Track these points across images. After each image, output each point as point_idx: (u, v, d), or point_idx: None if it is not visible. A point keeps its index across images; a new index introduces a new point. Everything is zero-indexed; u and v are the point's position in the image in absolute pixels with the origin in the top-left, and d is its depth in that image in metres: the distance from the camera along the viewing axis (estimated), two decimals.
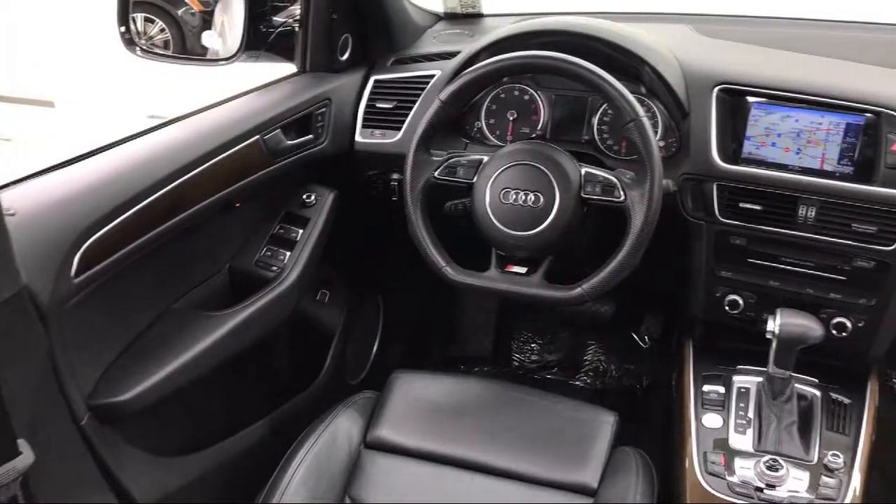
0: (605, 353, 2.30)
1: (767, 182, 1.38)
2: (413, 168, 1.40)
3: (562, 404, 1.44)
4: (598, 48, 1.47)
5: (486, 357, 2.35)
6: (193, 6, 4.71)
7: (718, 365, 1.50)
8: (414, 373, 1.49)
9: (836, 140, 1.36)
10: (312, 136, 1.57)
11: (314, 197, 1.59)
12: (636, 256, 1.29)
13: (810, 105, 1.38)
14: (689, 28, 1.70)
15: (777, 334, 1.31)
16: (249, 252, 1.54)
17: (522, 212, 1.35)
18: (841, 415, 1.40)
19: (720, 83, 1.42)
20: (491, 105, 1.61)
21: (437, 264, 1.39)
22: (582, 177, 1.35)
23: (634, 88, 1.48)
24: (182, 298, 1.42)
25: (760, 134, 1.40)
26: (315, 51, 1.63)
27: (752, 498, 1.26)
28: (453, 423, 1.39)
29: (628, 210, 1.30)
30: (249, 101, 1.52)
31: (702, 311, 1.52)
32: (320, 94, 1.58)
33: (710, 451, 1.35)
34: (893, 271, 1.35)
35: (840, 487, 1.27)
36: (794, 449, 1.32)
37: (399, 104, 1.63)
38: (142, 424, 1.28)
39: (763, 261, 1.43)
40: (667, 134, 1.49)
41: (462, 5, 1.90)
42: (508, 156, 1.38)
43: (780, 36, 1.67)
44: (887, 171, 1.32)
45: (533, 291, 1.35)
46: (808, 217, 1.37)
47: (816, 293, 1.41)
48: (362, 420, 1.39)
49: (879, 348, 1.42)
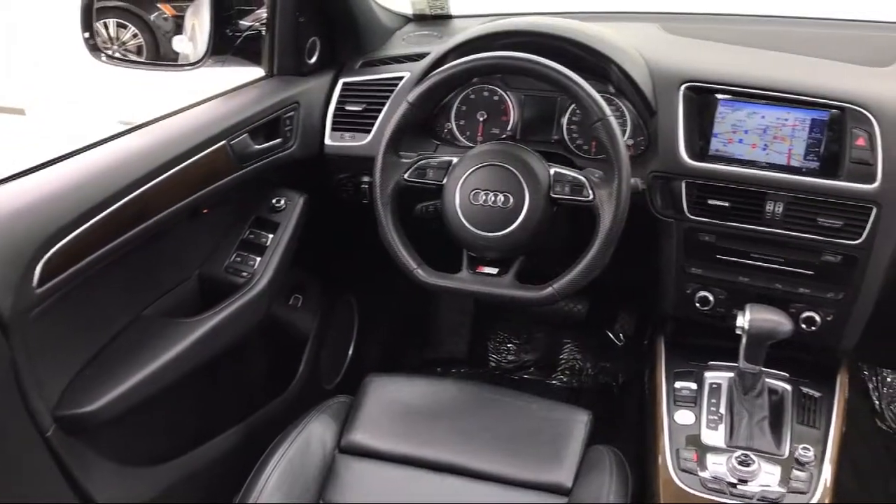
0: (580, 352, 2.31)
1: (735, 178, 1.39)
2: (382, 170, 1.39)
3: (536, 404, 1.44)
4: (566, 48, 1.47)
5: (462, 358, 2.35)
6: (166, 11, 4.69)
7: (690, 361, 1.50)
8: (388, 376, 1.48)
9: (802, 136, 1.37)
10: (281, 140, 1.56)
11: (284, 201, 1.58)
12: (606, 255, 1.29)
13: (776, 101, 1.39)
14: (656, 27, 1.70)
15: (747, 330, 1.31)
16: (219, 258, 1.53)
17: (492, 213, 1.35)
18: (811, 408, 1.41)
19: (687, 81, 1.43)
20: (461, 106, 1.61)
21: (408, 266, 1.38)
22: (551, 177, 1.36)
23: (602, 88, 1.49)
24: (151, 306, 1.40)
25: (727, 131, 1.41)
26: (282, 54, 1.62)
27: (724, 493, 1.27)
28: (427, 426, 1.39)
29: (597, 209, 1.31)
30: (216, 105, 1.51)
31: (673, 307, 1.52)
32: (288, 97, 1.57)
33: (682, 447, 1.35)
34: (860, 265, 1.36)
35: (811, 481, 1.28)
36: (766, 444, 1.33)
37: (368, 106, 1.63)
38: (110, 435, 1.26)
39: (732, 257, 1.44)
40: (635, 132, 1.50)
41: (430, 7, 1.90)
42: (477, 157, 1.38)
43: (745, 33, 1.68)
44: (852, 165, 1.33)
45: (504, 292, 1.35)
46: (775, 213, 1.38)
47: (785, 288, 1.43)
48: (336, 425, 1.38)
49: (848, 342, 1.44)
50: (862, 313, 1.41)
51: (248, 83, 1.61)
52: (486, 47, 1.44)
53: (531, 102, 1.58)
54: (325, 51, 1.69)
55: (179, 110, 1.46)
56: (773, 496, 1.25)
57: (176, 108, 1.46)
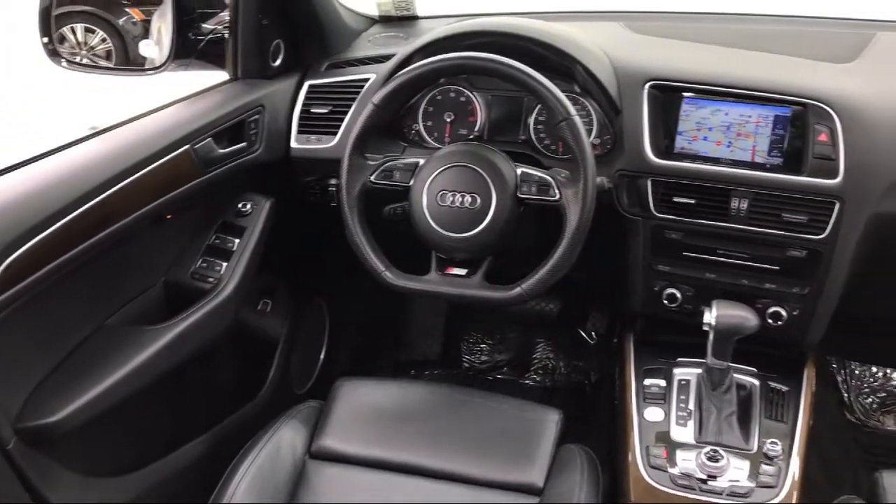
0: (553, 351, 2.32)
1: (700, 176, 1.40)
2: (348, 173, 1.39)
3: (507, 404, 1.44)
4: (531, 48, 1.47)
5: (435, 360, 2.34)
6: (134, 15, 4.63)
7: (659, 358, 1.51)
8: (358, 379, 1.48)
9: (766, 132, 1.39)
10: (246, 144, 1.54)
11: (250, 205, 1.57)
12: (573, 254, 1.29)
13: (739, 98, 1.40)
14: (621, 25, 1.71)
15: (713, 326, 1.32)
16: (184, 264, 1.51)
17: (460, 213, 1.34)
18: (779, 403, 1.42)
19: (651, 80, 1.43)
20: (428, 107, 1.61)
21: (375, 269, 1.38)
22: (518, 177, 1.35)
23: (568, 87, 1.49)
24: (116, 314, 1.39)
25: (692, 128, 1.42)
26: (246, 57, 1.60)
27: (694, 489, 1.27)
28: (398, 429, 1.38)
29: (564, 209, 1.31)
30: (179, 110, 1.49)
31: (641, 305, 1.53)
32: (253, 100, 1.56)
33: (652, 444, 1.36)
34: (825, 260, 1.38)
35: (779, 475, 1.29)
36: (734, 439, 1.34)
37: (334, 109, 1.62)
38: (74, 446, 1.24)
39: (699, 254, 1.45)
40: (601, 131, 1.50)
41: (396, 8, 1.89)
42: (444, 158, 1.38)
43: (710, 31, 1.70)
44: (815, 160, 1.35)
45: (473, 293, 1.35)
46: (740, 209, 1.39)
47: (752, 284, 1.44)
48: (306, 430, 1.37)
49: (814, 336, 1.45)
50: (827, 307, 1.42)
51: (211, 87, 1.59)
52: (451, 48, 1.44)
53: (498, 103, 1.58)
54: (290, 53, 1.68)
55: (142, 115, 1.44)
56: (741, 491, 1.26)
57: (138, 112, 1.45)
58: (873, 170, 1.34)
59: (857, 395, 2.12)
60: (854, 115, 1.34)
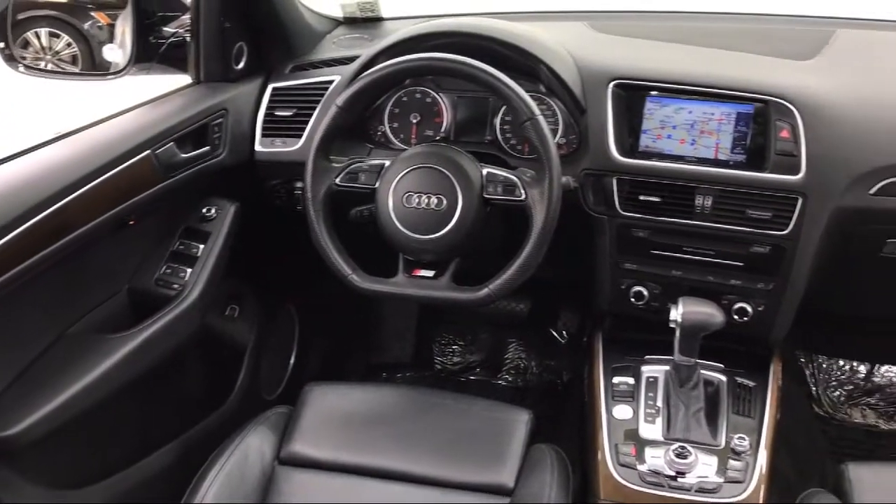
0: (525, 351, 2.32)
1: (664, 174, 1.41)
2: (313, 176, 1.37)
3: (477, 405, 1.43)
4: (495, 48, 1.47)
5: (408, 362, 2.33)
6: (100, 19, 4.55)
7: (627, 356, 1.51)
8: (327, 384, 1.46)
9: (729, 129, 1.40)
10: (209, 148, 1.53)
11: (214, 210, 1.55)
12: (539, 254, 1.29)
13: (702, 96, 1.41)
14: (585, 25, 1.72)
15: (680, 323, 1.33)
16: (148, 271, 1.49)
17: (426, 215, 1.34)
18: (746, 398, 1.43)
19: (615, 79, 1.44)
20: (394, 108, 1.60)
21: (342, 272, 1.37)
22: (483, 177, 1.35)
23: (533, 87, 1.50)
24: (78, 323, 1.36)
25: (656, 127, 1.43)
26: (208, 60, 1.58)
27: (663, 486, 1.28)
28: (368, 433, 1.37)
29: (530, 209, 1.31)
30: (140, 114, 1.47)
31: (609, 303, 1.53)
32: (216, 104, 1.54)
33: (621, 442, 1.36)
34: (788, 255, 1.39)
35: (746, 469, 1.30)
36: (702, 435, 1.35)
37: (299, 111, 1.60)
38: (36, 457, 1.22)
39: (664, 251, 1.45)
40: (567, 131, 1.50)
41: (361, 9, 1.89)
42: (409, 159, 1.37)
43: (673, 30, 1.71)
44: (777, 157, 1.36)
45: (440, 294, 1.35)
46: (704, 206, 1.40)
47: (717, 280, 1.45)
48: (275, 436, 1.36)
49: (780, 331, 1.47)
50: (791, 302, 1.44)
51: (173, 91, 1.57)
52: (415, 49, 1.43)
53: (464, 103, 1.58)
54: (254, 56, 1.66)
55: (101, 120, 1.42)
56: (710, 487, 1.27)
57: (98, 117, 1.43)
58: (835, 165, 1.36)
59: (825, 389, 2.15)
60: (815, 111, 1.36)
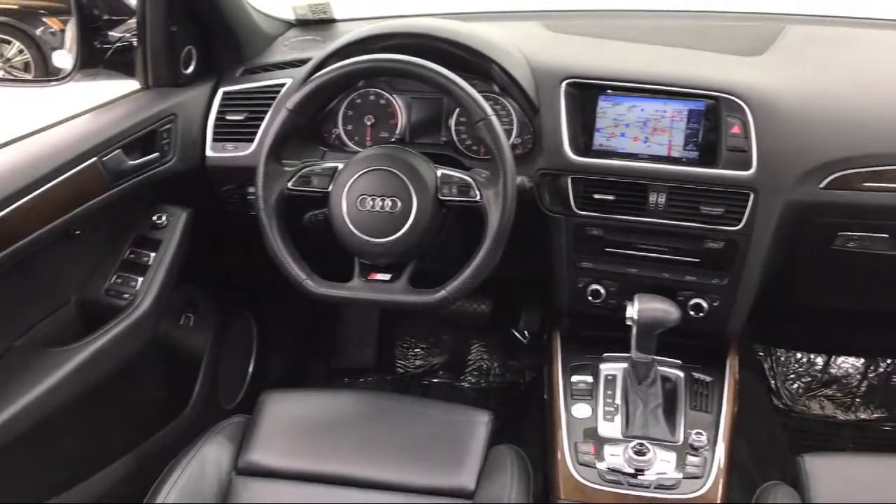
0: (487, 352, 2.32)
1: (618, 172, 1.41)
2: (264, 180, 1.35)
3: (436, 408, 1.42)
4: (447, 49, 1.46)
5: (370, 366, 2.32)
6: (53, 25, 4.46)
7: (586, 355, 1.52)
8: (285, 392, 1.44)
9: (681, 126, 1.40)
10: (158, 155, 1.50)
11: (165, 218, 1.52)
12: (496, 255, 1.29)
13: (654, 94, 1.41)
14: (538, 25, 1.72)
15: (636, 320, 1.33)
16: (98, 281, 1.45)
17: (380, 218, 1.32)
18: (703, 393, 1.44)
19: (567, 78, 1.44)
20: (347, 111, 1.58)
21: (297, 278, 1.35)
22: (438, 179, 1.34)
23: (487, 87, 1.49)
24: (24, 336, 1.33)
25: (609, 125, 1.43)
26: (156, 65, 1.55)
27: (622, 484, 1.28)
28: (327, 440, 1.35)
29: (485, 209, 1.30)
30: (85, 121, 1.43)
31: (567, 302, 1.53)
32: (164, 109, 1.51)
33: (580, 441, 1.36)
34: (741, 250, 1.40)
35: (704, 465, 1.30)
36: (661, 431, 1.35)
37: (250, 115, 1.58)
38: None
39: (620, 249, 1.46)
40: (522, 131, 1.50)
41: (313, 11, 1.86)
42: (362, 162, 1.36)
43: (626, 28, 1.71)
44: (729, 153, 1.37)
45: (397, 298, 1.33)
46: (658, 203, 1.40)
47: (673, 277, 1.45)
48: (232, 445, 1.33)
49: (735, 325, 1.48)
50: (746, 297, 1.45)
51: (121, 96, 1.54)
52: (366, 50, 1.42)
53: (419, 105, 1.57)
54: (203, 60, 1.64)
55: (45, 127, 1.39)
56: (669, 483, 1.27)
57: (42, 125, 1.39)
58: (785, 160, 1.37)
59: (784, 381, 2.17)
60: (765, 107, 1.37)
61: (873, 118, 1.41)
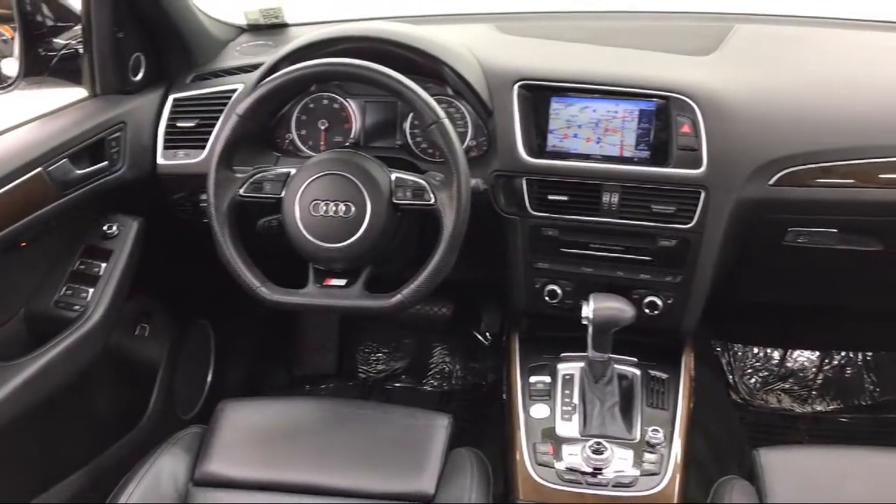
0: (449, 355, 2.31)
1: (571, 173, 1.42)
2: (216, 188, 1.33)
3: (396, 413, 1.42)
4: (399, 52, 1.45)
5: (332, 373, 2.30)
6: (6, 33, 4.38)
7: (544, 355, 1.52)
8: (242, 401, 1.43)
9: (632, 126, 1.42)
10: (107, 163, 1.47)
11: (116, 227, 1.49)
12: (451, 258, 1.28)
13: (606, 95, 1.42)
14: (491, 27, 1.72)
15: (591, 319, 1.34)
16: (46, 293, 1.42)
17: (334, 223, 1.31)
18: (659, 390, 1.45)
19: (520, 79, 1.44)
20: (301, 116, 1.57)
21: (250, 285, 1.33)
22: (392, 182, 1.33)
23: (441, 90, 1.49)
24: None
25: (562, 126, 1.44)
26: (104, 72, 1.52)
27: (581, 483, 1.29)
28: (285, 449, 1.34)
29: (439, 212, 1.29)
30: (30, 130, 1.40)
31: (524, 303, 1.54)
32: (113, 117, 1.49)
33: (539, 441, 1.36)
34: (694, 248, 1.42)
35: (661, 462, 1.31)
36: (618, 429, 1.36)
37: (201, 122, 1.56)
38: None
39: (575, 249, 1.47)
40: (476, 133, 1.50)
41: (264, 16, 1.85)
42: (315, 167, 1.35)
43: (576, 29, 1.73)
44: (679, 152, 1.38)
45: (353, 303, 1.32)
46: (611, 203, 1.41)
47: (627, 275, 1.47)
48: (188, 456, 1.31)
49: (689, 322, 1.49)
50: (700, 294, 1.46)
51: (68, 105, 1.51)
52: (317, 54, 1.41)
53: (373, 108, 1.56)
54: (152, 66, 1.61)
55: None
56: (626, 481, 1.28)
57: None
58: (735, 158, 1.39)
59: (741, 376, 2.20)
60: (714, 105, 1.39)
61: (822, 115, 1.43)
